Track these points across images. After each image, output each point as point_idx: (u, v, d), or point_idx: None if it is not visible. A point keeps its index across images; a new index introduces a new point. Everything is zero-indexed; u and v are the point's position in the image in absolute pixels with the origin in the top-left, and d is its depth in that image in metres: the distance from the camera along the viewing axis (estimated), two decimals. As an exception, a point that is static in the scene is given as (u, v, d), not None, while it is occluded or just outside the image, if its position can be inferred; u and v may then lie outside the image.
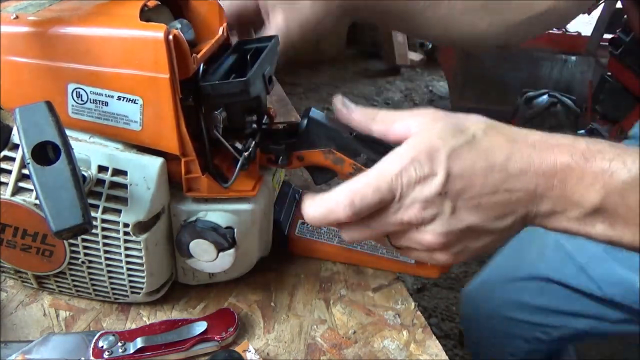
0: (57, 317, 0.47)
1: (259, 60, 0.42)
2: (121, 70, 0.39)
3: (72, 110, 0.41)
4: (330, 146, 0.44)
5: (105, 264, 0.45)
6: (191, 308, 0.49)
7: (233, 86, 0.39)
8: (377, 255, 0.54)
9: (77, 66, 0.40)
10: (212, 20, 0.46)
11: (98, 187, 0.41)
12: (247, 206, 0.46)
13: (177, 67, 0.39)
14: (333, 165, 0.45)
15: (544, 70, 2.54)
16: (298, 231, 0.56)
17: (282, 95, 0.96)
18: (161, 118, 0.40)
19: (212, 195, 0.44)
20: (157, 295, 0.48)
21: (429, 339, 0.48)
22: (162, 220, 0.44)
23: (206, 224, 0.44)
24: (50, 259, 0.45)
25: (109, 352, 0.42)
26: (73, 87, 0.40)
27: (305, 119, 0.45)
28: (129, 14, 0.40)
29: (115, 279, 0.46)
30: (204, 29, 0.46)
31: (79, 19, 0.40)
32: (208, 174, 0.43)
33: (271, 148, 0.46)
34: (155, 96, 0.39)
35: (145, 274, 0.45)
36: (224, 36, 0.46)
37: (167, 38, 0.37)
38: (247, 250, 0.48)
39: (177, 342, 0.43)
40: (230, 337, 0.45)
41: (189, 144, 0.41)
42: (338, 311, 0.50)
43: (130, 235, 0.42)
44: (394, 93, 3.11)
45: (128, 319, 0.48)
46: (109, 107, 0.40)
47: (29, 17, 0.41)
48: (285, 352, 0.46)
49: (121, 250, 0.43)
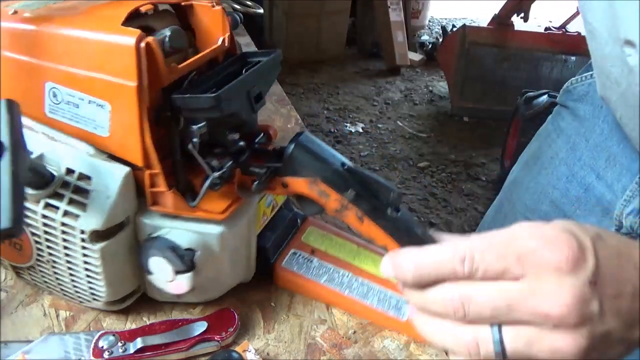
0: (57, 317, 0.47)
1: (241, 77, 0.40)
2: (93, 74, 0.39)
3: (48, 109, 0.41)
4: (315, 176, 0.40)
5: (66, 266, 0.44)
6: (191, 308, 0.49)
7: (202, 101, 0.37)
8: (365, 303, 0.49)
9: (55, 66, 0.40)
10: (215, 29, 0.45)
11: (63, 189, 0.40)
12: (215, 229, 0.43)
13: (148, 75, 0.37)
14: (318, 197, 0.40)
15: (544, 70, 2.54)
16: (286, 262, 0.52)
17: (282, 95, 0.96)
18: (127, 127, 0.39)
19: (178, 213, 0.42)
20: (122, 305, 0.47)
21: (429, 339, 0.48)
22: (126, 231, 0.43)
23: (165, 242, 0.41)
24: (21, 253, 0.45)
25: (109, 352, 0.42)
26: (50, 87, 0.40)
27: (293, 143, 0.41)
28: (114, 16, 0.39)
29: (77, 283, 0.45)
30: (207, 38, 0.45)
31: (65, 20, 0.40)
32: (175, 189, 0.41)
33: (251, 170, 0.43)
34: (122, 104, 0.38)
35: (103, 283, 0.43)
36: (224, 46, 0.45)
37: (138, 45, 0.36)
38: (213, 275, 0.45)
39: (177, 342, 0.43)
40: (230, 337, 0.45)
41: (153, 156, 0.39)
42: (338, 311, 0.50)
43: (87, 242, 0.41)
44: (394, 93, 3.11)
45: (128, 319, 0.48)
46: (80, 109, 0.40)
47: (25, 13, 0.41)
48: (285, 352, 0.46)
49: (79, 256, 0.42)
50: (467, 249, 0.30)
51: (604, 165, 0.55)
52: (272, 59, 0.43)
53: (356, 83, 3.20)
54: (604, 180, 0.55)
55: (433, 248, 0.32)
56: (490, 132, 2.63)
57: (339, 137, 2.60)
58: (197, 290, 0.45)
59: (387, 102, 2.99)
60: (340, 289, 0.50)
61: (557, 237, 0.29)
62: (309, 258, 0.52)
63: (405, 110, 2.93)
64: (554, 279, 0.29)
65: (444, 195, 2.21)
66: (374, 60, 3.47)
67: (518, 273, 0.29)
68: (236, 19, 0.49)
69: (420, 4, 3.72)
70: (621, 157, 0.54)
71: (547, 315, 0.29)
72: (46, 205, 0.41)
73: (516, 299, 0.29)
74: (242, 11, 1.15)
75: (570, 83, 0.62)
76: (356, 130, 2.68)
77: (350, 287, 0.50)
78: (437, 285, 0.31)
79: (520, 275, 0.29)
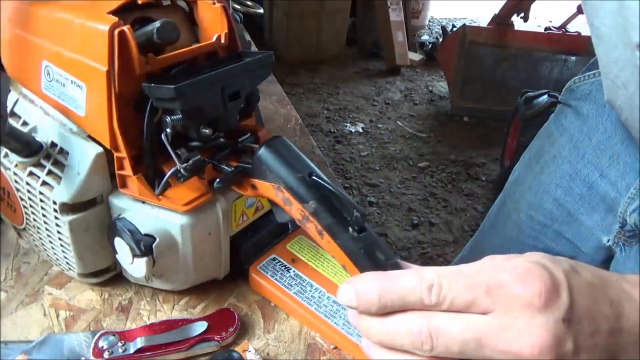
0: (57, 317, 0.47)
1: (211, 73, 0.40)
2: (76, 56, 0.41)
3: (43, 85, 0.44)
4: (279, 182, 0.39)
5: (46, 233, 0.47)
6: (191, 308, 0.49)
7: (164, 91, 0.38)
8: (329, 323, 0.46)
9: (50, 46, 0.43)
10: (215, 26, 0.46)
11: (45, 161, 0.44)
12: (177, 219, 0.43)
13: (121, 62, 0.39)
14: (283, 205, 0.39)
15: (544, 70, 2.54)
16: (262, 266, 0.51)
17: (282, 95, 0.96)
18: (97, 109, 0.41)
19: (143, 198, 0.43)
20: (95, 279, 0.49)
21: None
22: (98, 209, 0.44)
23: (127, 225, 0.42)
24: (15, 215, 0.49)
25: (109, 352, 0.42)
26: (45, 65, 0.43)
27: (263, 145, 0.40)
28: (107, 5, 0.41)
29: (55, 250, 0.47)
30: (208, 34, 0.46)
31: (63, 4, 0.43)
32: (141, 175, 0.42)
33: (220, 167, 0.43)
34: (94, 86, 0.40)
35: (73, 255, 0.45)
36: (219, 43, 0.45)
37: (111, 32, 0.38)
38: (176, 266, 0.45)
39: (177, 342, 0.43)
40: (230, 337, 0.45)
41: (120, 140, 0.41)
42: (338, 311, 0.50)
43: (58, 213, 0.43)
44: (394, 93, 3.11)
45: (128, 319, 0.48)
46: (65, 88, 0.43)
47: None
48: (285, 352, 0.46)
49: (54, 225, 0.45)
50: (435, 276, 0.28)
51: (608, 163, 0.55)
52: (255, 60, 0.43)
53: (356, 83, 3.20)
54: (607, 178, 0.55)
55: (398, 274, 0.30)
56: (490, 132, 2.63)
57: (339, 137, 2.61)
58: (162, 279, 0.46)
59: (387, 102, 2.99)
60: (308, 303, 0.48)
61: (528, 271, 0.28)
62: (287, 266, 0.51)
63: (405, 110, 2.93)
64: (526, 316, 0.27)
65: (444, 195, 2.22)
66: (374, 60, 3.47)
67: (487, 306, 0.28)
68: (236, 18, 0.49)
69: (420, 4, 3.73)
70: (625, 155, 0.54)
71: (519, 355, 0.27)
72: (30, 173, 0.44)
73: (485, 333, 0.27)
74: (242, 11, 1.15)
75: (573, 82, 0.61)
76: (356, 130, 2.68)
77: (319, 303, 0.48)
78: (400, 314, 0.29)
79: (490, 309, 0.28)
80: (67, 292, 0.49)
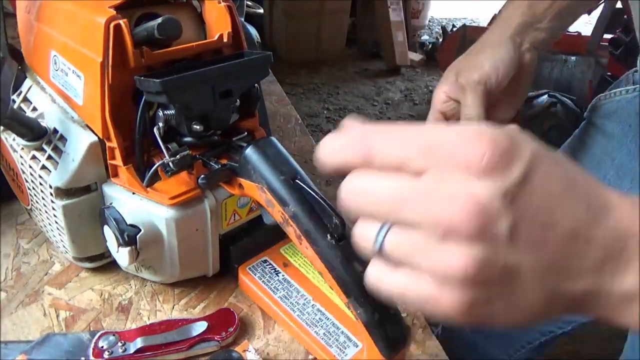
0: (57, 317, 0.47)
1: (200, 70, 0.40)
2: (77, 47, 0.43)
3: (51, 74, 0.46)
4: (262, 183, 0.39)
5: (45, 216, 0.48)
6: (191, 308, 0.49)
7: (151, 85, 0.38)
8: (309, 331, 0.45)
9: (58, 36, 0.45)
10: (219, 25, 0.46)
11: (46, 146, 0.45)
12: (162, 212, 0.43)
13: (115, 55, 0.40)
14: (266, 206, 0.39)
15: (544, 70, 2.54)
16: (251, 268, 0.50)
17: (282, 95, 0.96)
18: (92, 98, 0.42)
19: (131, 189, 0.44)
20: (88, 264, 0.50)
21: (429, 339, 0.48)
22: (92, 196, 0.46)
23: (114, 213, 0.43)
24: (23, 195, 0.51)
25: (109, 352, 0.42)
26: (53, 54, 0.45)
27: (250, 145, 0.40)
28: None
29: (54, 233, 0.49)
30: (214, 32, 0.46)
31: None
32: (132, 166, 0.43)
33: (207, 163, 0.43)
34: (90, 76, 0.42)
35: (67, 238, 0.47)
36: (222, 41, 0.45)
37: (107, 25, 0.39)
38: (161, 259, 0.46)
39: (177, 342, 0.43)
40: (230, 337, 0.45)
41: (111, 130, 0.42)
42: (338, 311, 0.50)
43: (53, 197, 0.45)
44: (394, 93, 3.11)
45: (128, 319, 0.48)
46: (68, 77, 0.44)
47: None
48: (285, 352, 0.46)
49: (50, 208, 0.46)
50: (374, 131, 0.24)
51: (629, 185, 0.54)
52: (250, 60, 0.43)
53: (356, 83, 3.20)
54: None
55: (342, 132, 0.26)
56: (490, 132, 2.62)
57: (339, 137, 2.60)
58: (150, 270, 0.47)
59: (387, 102, 2.99)
60: (291, 309, 0.47)
61: (481, 132, 0.23)
62: (277, 270, 0.51)
63: (405, 110, 2.93)
64: (459, 180, 0.22)
65: (444, 195, 2.21)
66: (374, 60, 3.47)
67: (419, 166, 0.23)
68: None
69: (420, 4, 3.73)
70: None
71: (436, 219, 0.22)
72: (33, 157, 0.46)
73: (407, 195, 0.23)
74: (242, 11, 1.15)
75: (599, 99, 0.59)
76: (356, 130, 2.68)
77: (303, 310, 0.47)
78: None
79: (422, 170, 0.23)
80: (67, 292, 0.49)
